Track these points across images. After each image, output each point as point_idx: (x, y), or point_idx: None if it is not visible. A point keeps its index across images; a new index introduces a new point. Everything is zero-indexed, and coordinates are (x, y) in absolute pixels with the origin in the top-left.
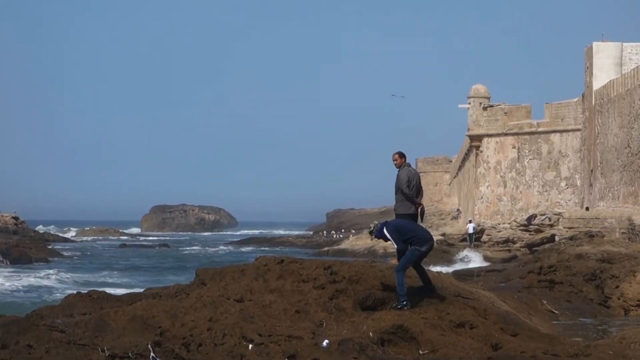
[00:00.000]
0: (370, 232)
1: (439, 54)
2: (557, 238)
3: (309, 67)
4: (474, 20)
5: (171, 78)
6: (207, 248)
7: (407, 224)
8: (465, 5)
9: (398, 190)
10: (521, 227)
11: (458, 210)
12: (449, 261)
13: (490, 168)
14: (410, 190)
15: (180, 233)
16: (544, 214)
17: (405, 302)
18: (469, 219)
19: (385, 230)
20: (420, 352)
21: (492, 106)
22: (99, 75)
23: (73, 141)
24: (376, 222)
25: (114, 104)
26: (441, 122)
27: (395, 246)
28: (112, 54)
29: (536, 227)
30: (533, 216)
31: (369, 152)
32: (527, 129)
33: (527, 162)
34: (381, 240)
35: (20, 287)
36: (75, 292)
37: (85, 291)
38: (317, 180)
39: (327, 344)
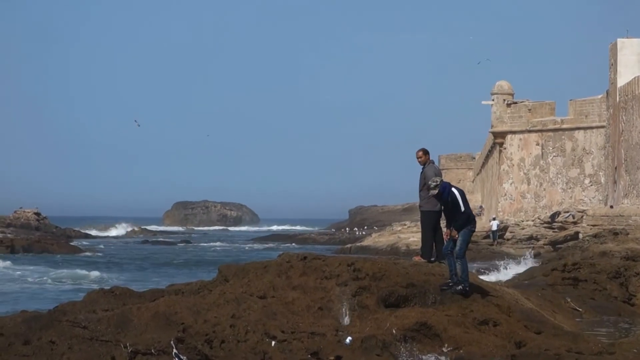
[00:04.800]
0: (435, 187)
1: (462, 49)
2: (581, 236)
3: (329, 62)
4: (498, 16)
5: (193, 73)
6: (229, 244)
7: (465, 197)
8: (489, 1)
9: (424, 187)
10: (545, 225)
11: (481, 207)
12: None
13: (513, 165)
14: None
15: (203, 229)
16: (567, 212)
17: (468, 286)
18: (493, 216)
19: (454, 190)
20: (444, 349)
21: (515, 103)
22: (116, 71)
23: (93, 139)
24: (439, 178)
25: (135, 101)
26: (464, 118)
27: (462, 208)
28: (128, 49)
29: (560, 224)
30: (557, 213)
31: (391, 149)
32: (551, 126)
33: (551, 159)
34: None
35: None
36: (97, 288)
37: (108, 287)
38: (340, 177)
39: (350, 341)
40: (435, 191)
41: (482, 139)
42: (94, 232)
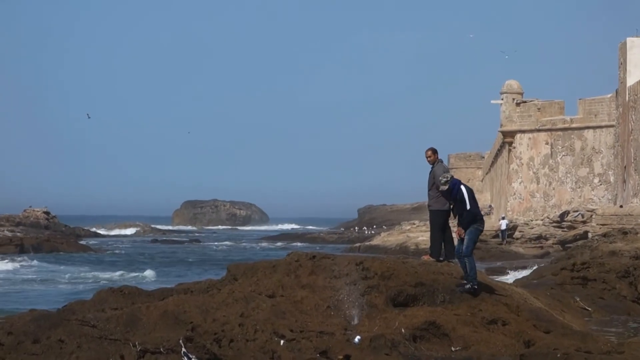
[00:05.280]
0: (445, 182)
1: (473, 48)
2: (590, 235)
3: (338, 61)
4: (507, 15)
5: (203, 73)
6: (238, 244)
7: (474, 196)
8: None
9: (433, 186)
10: (554, 224)
11: (490, 206)
12: None
13: (523, 164)
14: None
15: (212, 228)
16: (576, 211)
17: (476, 284)
18: (502, 215)
19: (462, 188)
20: (453, 348)
21: (525, 102)
22: (124, 72)
23: (104, 137)
24: (449, 174)
25: (144, 102)
26: (474, 117)
27: (469, 207)
28: (133, 47)
29: (569, 223)
30: (566, 213)
31: (400, 148)
32: (560, 125)
33: (560, 158)
34: (444, 193)
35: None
36: (106, 287)
37: (117, 286)
38: (349, 176)
39: (358, 340)
40: (446, 187)
41: (492, 138)
42: (102, 231)
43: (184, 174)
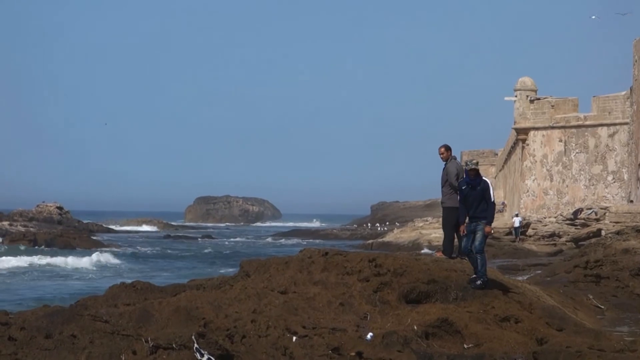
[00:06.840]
0: (476, 164)
1: (485, 45)
2: (603, 233)
3: (349, 56)
4: (521, 12)
5: (211, 69)
6: (251, 240)
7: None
8: None
9: (446, 183)
10: (567, 221)
11: (503, 203)
12: None
13: (536, 161)
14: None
15: (224, 224)
16: (590, 208)
17: (486, 280)
18: (515, 212)
19: (492, 188)
20: (465, 346)
21: (538, 99)
22: (134, 72)
23: (116, 134)
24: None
25: (148, 101)
26: (487, 114)
27: (493, 199)
28: (135, 45)
29: (582, 221)
30: (579, 210)
31: (414, 145)
32: (574, 123)
33: (574, 155)
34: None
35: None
36: (119, 282)
37: (129, 282)
38: (362, 173)
39: (371, 336)
40: (477, 166)
41: (505, 135)
42: (116, 227)
43: (196, 171)
